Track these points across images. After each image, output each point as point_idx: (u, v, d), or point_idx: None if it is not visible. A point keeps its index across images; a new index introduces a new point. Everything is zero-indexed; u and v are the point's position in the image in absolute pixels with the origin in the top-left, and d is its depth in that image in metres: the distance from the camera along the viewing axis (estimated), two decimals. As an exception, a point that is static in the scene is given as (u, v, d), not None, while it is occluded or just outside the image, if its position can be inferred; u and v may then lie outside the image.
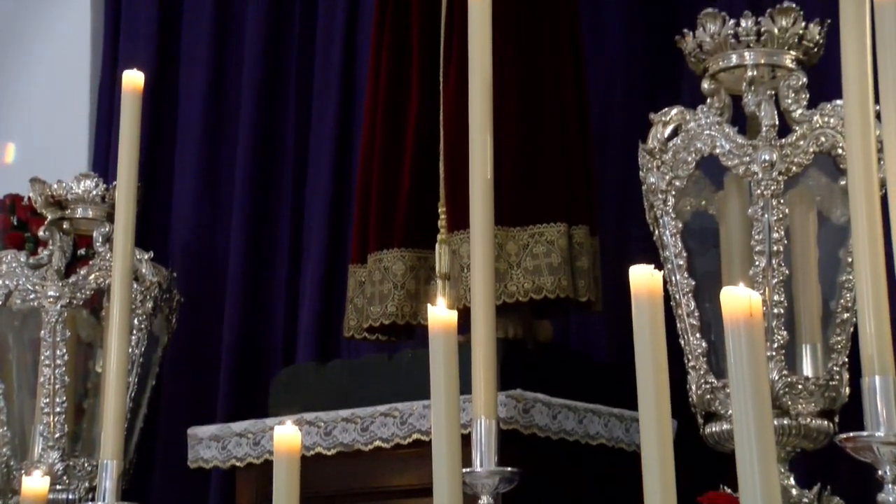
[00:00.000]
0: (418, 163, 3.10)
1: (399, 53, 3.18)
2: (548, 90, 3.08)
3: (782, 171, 2.54)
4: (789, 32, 2.64)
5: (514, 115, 3.01)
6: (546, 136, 3.06)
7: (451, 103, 3.02)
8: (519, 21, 3.07)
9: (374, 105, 3.21)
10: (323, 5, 4.07)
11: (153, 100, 4.02)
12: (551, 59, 3.10)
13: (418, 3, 3.16)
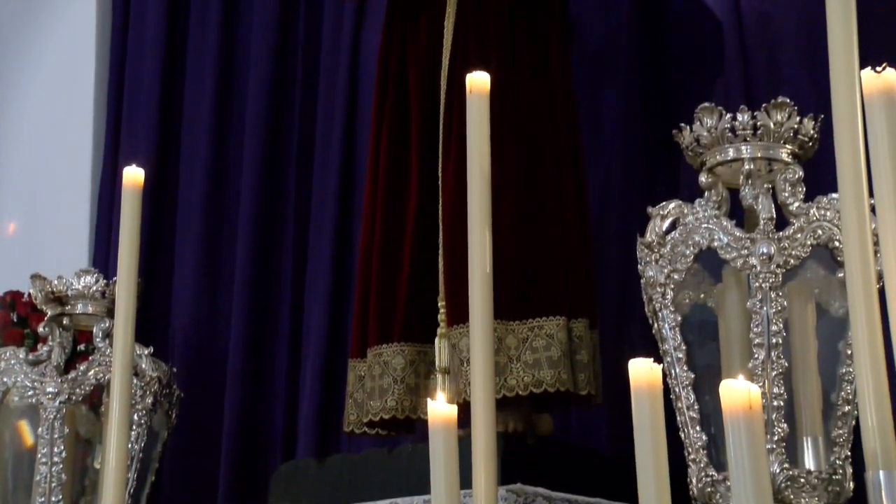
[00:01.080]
0: (417, 257, 3.11)
1: (398, 147, 3.21)
2: (546, 184, 3.10)
3: (780, 263, 2.55)
4: (785, 127, 2.66)
5: (513, 209, 3.03)
6: (545, 229, 3.07)
7: (450, 197, 3.04)
8: (518, 114, 3.10)
9: (374, 198, 3.22)
10: (323, 91, 4.10)
11: (153, 194, 4.05)
12: (550, 152, 3.12)
13: (417, 95, 3.19)
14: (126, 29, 4.51)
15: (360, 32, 4.05)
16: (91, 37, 4.53)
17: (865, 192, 1.79)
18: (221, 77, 4.30)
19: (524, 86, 3.13)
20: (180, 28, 4.42)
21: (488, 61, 2.75)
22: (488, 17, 3.15)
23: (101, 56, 4.54)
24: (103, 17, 4.56)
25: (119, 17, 4.53)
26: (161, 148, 4.30)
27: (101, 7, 4.56)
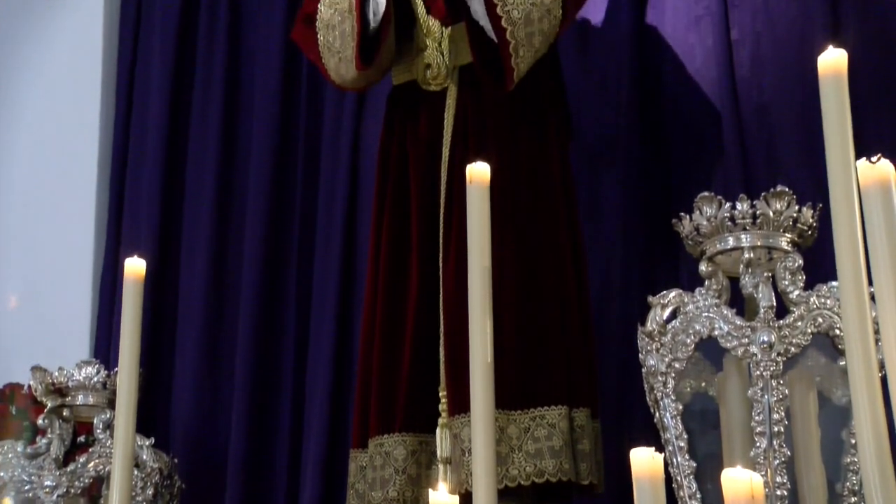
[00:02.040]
0: (418, 346, 3.12)
1: (398, 237, 3.22)
2: (546, 273, 3.11)
3: (781, 351, 2.56)
4: (784, 215, 2.68)
5: (513, 299, 3.04)
6: (546, 319, 3.07)
7: (451, 287, 3.05)
8: (517, 205, 3.12)
9: (375, 288, 3.23)
10: (324, 182, 4.13)
11: (154, 283, 4.06)
12: (550, 242, 3.13)
13: (417, 186, 3.21)
14: (129, 117, 4.55)
15: (360, 124, 4.10)
16: (94, 127, 4.57)
17: (865, 280, 1.80)
18: (223, 167, 4.33)
19: (524, 177, 3.15)
20: (182, 117, 4.46)
21: (488, 153, 2.77)
22: (487, 109, 3.18)
23: (104, 145, 4.57)
24: (107, 105, 4.60)
25: (122, 105, 4.57)
26: (162, 238, 4.32)
27: (105, 95, 4.61)
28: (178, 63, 4.50)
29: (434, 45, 3.24)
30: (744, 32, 3.59)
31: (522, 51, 3.04)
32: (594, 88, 3.76)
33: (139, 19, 4.65)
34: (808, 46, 3.33)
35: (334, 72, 3.30)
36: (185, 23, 4.54)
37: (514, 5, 3.03)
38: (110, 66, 4.64)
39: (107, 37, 4.65)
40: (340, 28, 3.23)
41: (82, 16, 4.68)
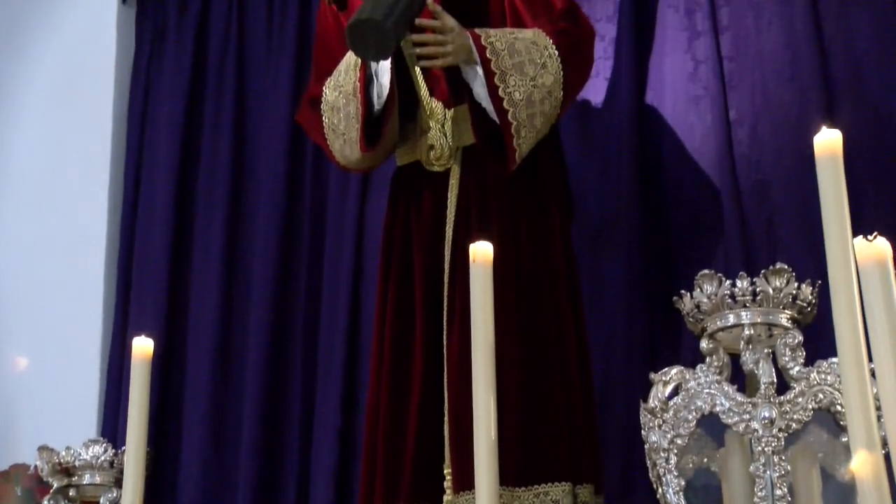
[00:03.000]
0: (423, 423, 3.12)
1: (403, 314, 3.24)
2: (549, 351, 3.12)
3: (782, 427, 2.57)
4: (783, 292, 2.70)
5: (517, 377, 3.05)
6: (549, 396, 3.09)
7: (455, 364, 3.06)
8: (520, 283, 3.14)
9: (379, 367, 3.25)
10: (329, 260, 4.16)
11: (162, 362, 4.08)
12: (552, 319, 3.15)
13: (421, 264, 3.24)
14: (136, 198, 4.59)
15: (365, 205, 4.13)
16: (103, 207, 4.61)
17: (865, 356, 1.82)
18: (229, 248, 4.36)
19: (526, 256, 3.18)
20: (189, 199, 4.50)
21: (490, 232, 2.80)
22: (490, 189, 3.21)
23: (112, 226, 4.60)
24: (115, 186, 4.64)
25: (130, 186, 4.61)
26: (169, 318, 4.34)
27: (113, 176, 4.65)
28: (185, 144, 4.55)
29: (437, 127, 3.28)
30: (742, 112, 3.64)
31: (524, 132, 3.09)
32: (595, 167, 3.80)
33: (147, 100, 4.70)
34: (805, 126, 3.37)
35: (339, 153, 3.34)
36: (191, 105, 4.59)
37: (515, 87, 3.08)
38: (119, 148, 4.68)
39: (116, 119, 4.71)
40: (345, 110, 3.27)
41: (92, 98, 4.74)
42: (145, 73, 4.74)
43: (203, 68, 4.64)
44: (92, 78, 4.76)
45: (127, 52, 4.80)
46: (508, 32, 3.16)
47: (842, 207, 1.87)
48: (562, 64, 3.14)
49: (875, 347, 1.79)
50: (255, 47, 4.58)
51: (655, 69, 3.79)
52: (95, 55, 4.78)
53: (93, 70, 4.76)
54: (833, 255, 1.84)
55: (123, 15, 4.83)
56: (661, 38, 3.81)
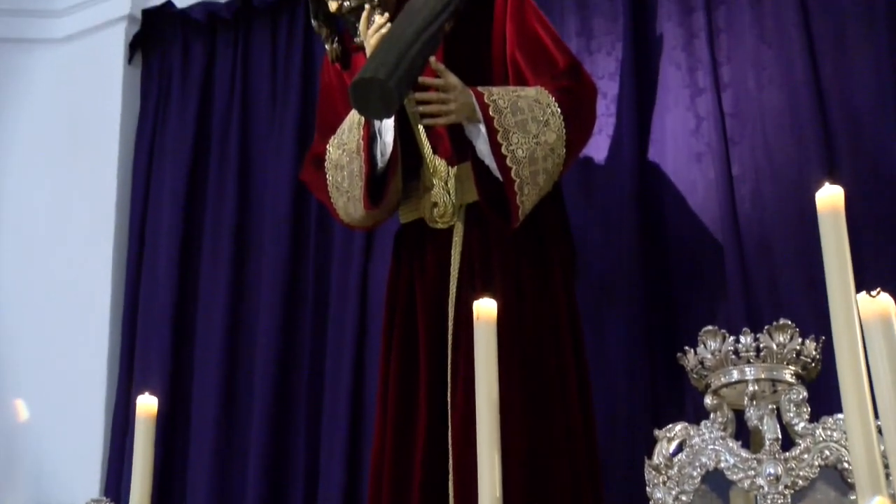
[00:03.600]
0: (427, 480, 3.11)
1: (407, 371, 3.24)
2: (553, 407, 3.12)
3: (788, 484, 2.55)
4: (787, 348, 2.70)
5: (520, 433, 3.04)
6: (553, 452, 3.08)
7: (459, 421, 3.06)
8: (523, 339, 3.14)
9: (384, 425, 3.24)
10: (333, 318, 4.16)
11: (166, 420, 4.08)
12: (556, 375, 3.15)
13: (425, 322, 3.24)
14: (141, 257, 4.61)
15: (369, 262, 4.14)
16: (107, 265, 4.62)
17: (871, 413, 1.82)
18: (233, 306, 4.37)
19: (529, 311, 3.18)
20: (193, 256, 4.52)
21: (494, 290, 2.80)
22: (493, 246, 3.22)
23: (117, 284, 4.61)
24: (119, 245, 4.66)
25: (135, 244, 4.63)
26: (174, 375, 4.35)
27: (118, 235, 4.66)
28: (189, 203, 4.57)
29: (440, 184, 3.29)
30: (744, 168, 3.65)
31: (527, 189, 3.10)
32: (598, 224, 3.81)
33: (152, 159, 4.74)
34: (806, 181, 3.38)
35: (343, 211, 3.36)
36: (195, 163, 4.62)
37: (518, 145, 3.10)
38: (123, 207, 4.71)
39: (121, 177, 4.73)
40: (349, 168, 3.29)
41: (97, 156, 4.77)
42: (150, 131, 4.77)
43: (207, 127, 4.67)
44: (97, 135, 4.79)
45: (132, 110, 4.84)
46: (511, 90, 3.18)
47: (844, 263, 1.87)
48: (564, 121, 3.16)
49: (881, 403, 1.79)
50: (259, 105, 4.61)
51: (658, 126, 3.81)
52: (101, 113, 4.82)
53: (98, 127, 4.80)
54: (836, 310, 1.85)
55: (129, 73, 4.87)
56: (663, 95, 3.84)
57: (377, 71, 3.00)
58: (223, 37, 4.80)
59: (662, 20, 3.89)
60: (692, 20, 3.84)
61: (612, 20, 3.97)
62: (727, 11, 3.81)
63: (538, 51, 3.29)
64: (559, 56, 3.29)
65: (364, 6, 3.32)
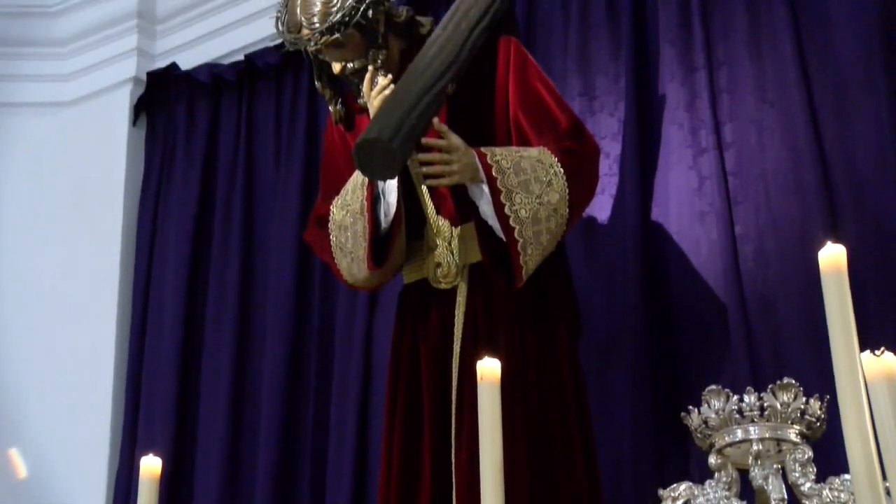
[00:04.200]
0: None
1: (411, 430, 3.23)
2: (557, 466, 3.11)
3: (794, 545, 2.55)
4: (791, 407, 2.69)
5: (525, 493, 3.03)
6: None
7: (463, 480, 3.05)
8: (527, 399, 3.14)
9: (388, 481, 3.24)
10: (337, 377, 4.16)
11: (170, 482, 4.08)
12: (560, 435, 3.14)
13: (429, 381, 3.24)
14: (145, 315, 4.62)
15: (372, 323, 4.15)
16: (111, 329, 4.63)
17: (878, 473, 1.81)
18: (237, 367, 4.38)
19: (533, 370, 3.18)
20: (198, 317, 4.53)
21: (498, 350, 2.80)
22: (497, 307, 3.22)
23: (121, 345, 4.62)
24: (123, 308, 4.67)
25: (138, 308, 4.65)
26: (178, 436, 4.34)
27: (122, 296, 4.68)
28: (194, 264, 4.59)
29: (444, 245, 3.30)
30: (747, 227, 3.66)
31: (531, 249, 3.10)
32: (601, 283, 3.81)
33: (156, 220, 4.76)
34: (810, 241, 3.39)
35: (347, 272, 3.36)
36: (200, 224, 4.65)
37: (521, 205, 3.11)
38: (128, 268, 4.73)
39: (125, 239, 4.75)
40: (352, 229, 3.30)
41: (102, 218, 4.79)
42: (154, 192, 4.80)
43: (211, 188, 4.69)
44: (102, 197, 4.82)
45: (136, 171, 4.87)
46: (514, 151, 3.20)
47: (848, 321, 1.87)
48: (567, 181, 3.17)
49: (888, 463, 1.78)
50: (263, 167, 4.63)
51: (661, 185, 3.82)
52: (106, 175, 4.85)
53: (103, 190, 4.83)
54: (841, 370, 1.84)
55: (133, 135, 4.90)
56: (665, 154, 3.85)
57: (381, 132, 3.02)
58: (227, 98, 4.83)
59: (665, 80, 3.92)
60: (694, 80, 3.86)
61: (615, 80, 3.99)
62: (729, 72, 3.83)
63: (541, 111, 3.31)
64: (562, 116, 3.30)
65: (367, 68, 3.34)
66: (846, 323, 1.87)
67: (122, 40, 5.03)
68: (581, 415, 3.22)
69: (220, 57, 4.92)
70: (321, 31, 3.28)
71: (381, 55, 3.34)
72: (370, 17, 3.30)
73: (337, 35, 3.29)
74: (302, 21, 3.30)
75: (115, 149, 4.88)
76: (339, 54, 3.36)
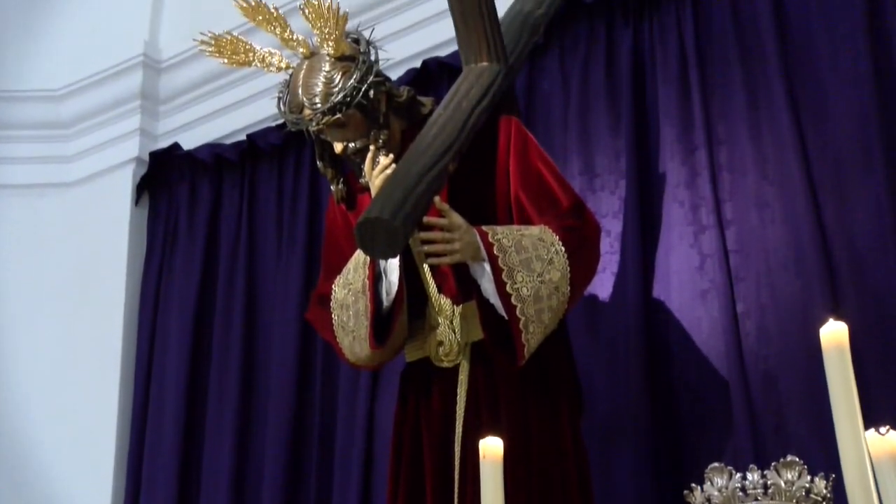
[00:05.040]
0: None
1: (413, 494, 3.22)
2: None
3: None
4: (796, 486, 2.68)
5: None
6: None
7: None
8: (530, 476, 3.13)
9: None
10: (338, 459, 4.15)
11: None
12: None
13: (431, 460, 3.23)
14: (147, 397, 4.61)
15: (375, 402, 4.14)
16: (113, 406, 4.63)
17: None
18: (238, 447, 4.38)
19: (535, 448, 3.17)
20: (199, 397, 4.54)
21: (500, 428, 2.80)
22: (499, 385, 3.22)
23: (122, 421, 4.62)
24: (125, 387, 4.67)
25: (140, 385, 4.65)
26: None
27: (124, 375, 4.68)
28: (196, 342, 4.60)
29: (446, 323, 3.30)
30: (749, 305, 3.66)
31: (532, 327, 3.11)
32: (603, 361, 3.81)
33: (158, 299, 4.77)
34: (811, 318, 3.39)
35: (348, 350, 3.36)
36: (202, 303, 4.66)
37: (522, 283, 3.11)
38: (129, 346, 4.74)
39: (127, 319, 4.76)
40: (354, 308, 3.30)
41: (103, 302, 4.81)
42: (157, 272, 4.82)
43: (214, 267, 4.71)
44: (104, 277, 4.85)
45: (139, 251, 4.89)
46: (515, 229, 3.21)
47: (851, 399, 1.87)
48: (568, 260, 3.17)
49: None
50: (265, 246, 4.65)
51: (662, 263, 3.83)
52: (108, 255, 4.88)
53: (105, 270, 4.85)
54: (845, 448, 1.84)
55: (136, 215, 4.93)
56: (666, 232, 3.86)
57: (382, 211, 3.03)
58: (229, 177, 4.86)
59: (665, 158, 3.94)
60: (694, 159, 3.88)
61: (615, 159, 4.01)
62: (729, 150, 3.85)
63: (541, 189, 3.33)
64: (562, 195, 3.32)
65: (368, 147, 3.37)
66: (850, 400, 1.87)
67: (125, 121, 5.07)
68: (583, 492, 3.21)
69: (222, 137, 4.95)
70: (323, 111, 3.31)
71: (382, 135, 3.36)
72: (371, 97, 3.33)
73: (338, 115, 3.32)
74: (304, 101, 3.32)
75: (117, 228, 4.90)
76: (340, 134, 3.38)
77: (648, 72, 4.07)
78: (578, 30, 4.24)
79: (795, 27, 3.86)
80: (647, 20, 4.12)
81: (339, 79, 3.32)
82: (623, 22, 4.16)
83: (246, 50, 3.45)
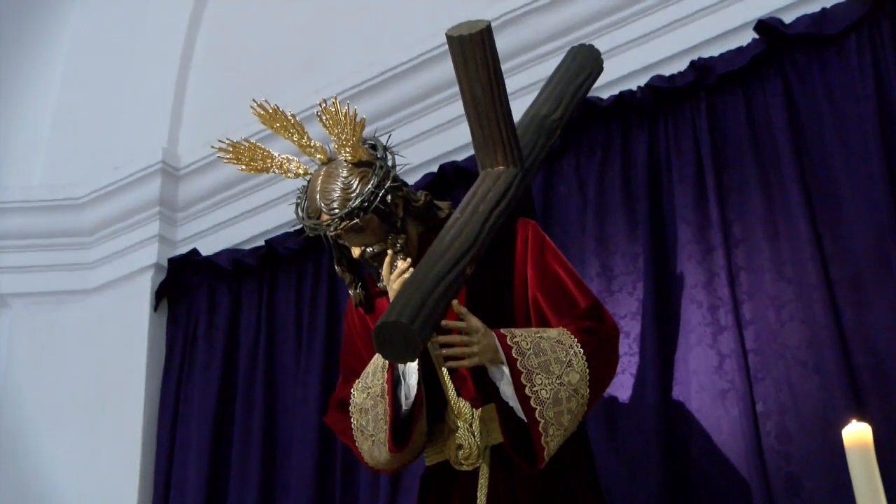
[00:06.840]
0: None
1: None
2: None
3: None
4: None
5: None
6: None
7: None
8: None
9: None
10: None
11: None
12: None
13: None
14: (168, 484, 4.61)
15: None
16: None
17: None
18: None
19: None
20: (220, 499, 4.52)
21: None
22: (519, 488, 3.21)
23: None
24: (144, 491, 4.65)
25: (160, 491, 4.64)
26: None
27: (143, 483, 4.67)
28: (215, 449, 4.60)
29: (465, 427, 3.29)
30: (769, 405, 3.65)
31: (552, 430, 3.09)
32: (623, 463, 3.79)
33: (177, 409, 4.77)
34: (832, 417, 3.38)
35: (368, 454, 3.35)
36: (221, 411, 4.66)
37: (542, 386, 3.11)
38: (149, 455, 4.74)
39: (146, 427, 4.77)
40: (373, 412, 3.30)
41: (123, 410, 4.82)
42: (176, 378, 4.82)
43: (233, 372, 4.71)
44: (124, 384, 4.87)
45: (158, 358, 4.90)
46: (534, 332, 3.21)
47: (877, 498, 1.86)
48: (587, 362, 3.17)
49: None
50: (284, 351, 4.66)
51: (681, 364, 3.83)
52: (127, 362, 4.90)
53: (125, 377, 4.87)
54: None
55: (154, 321, 4.94)
56: (685, 333, 3.86)
57: (400, 315, 3.04)
58: (248, 283, 4.88)
59: (682, 259, 3.95)
60: (712, 259, 3.89)
61: (633, 260, 4.03)
62: (746, 250, 3.86)
63: (559, 292, 3.33)
64: (580, 297, 3.32)
65: (386, 252, 3.38)
66: (875, 499, 1.85)
67: (144, 228, 5.11)
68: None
69: (241, 242, 4.98)
70: (340, 216, 3.33)
71: (399, 239, 3.38)
72: (389, 202, 3.35)
73: (356, 220, 3.34)
74: (322, 206, 3.35)
75: (136, 334, 4.92)
76: (358, 239, 3.40)
77: (664, 173, 4.09)
78: (594, 132, 4.28)
79: (808, 129, 3.89)
80: (663, 122, 4.16)
81: (356, 184, 3.35)
82: (638, 124, 4.20)
83: (264, 156, 3.48)
